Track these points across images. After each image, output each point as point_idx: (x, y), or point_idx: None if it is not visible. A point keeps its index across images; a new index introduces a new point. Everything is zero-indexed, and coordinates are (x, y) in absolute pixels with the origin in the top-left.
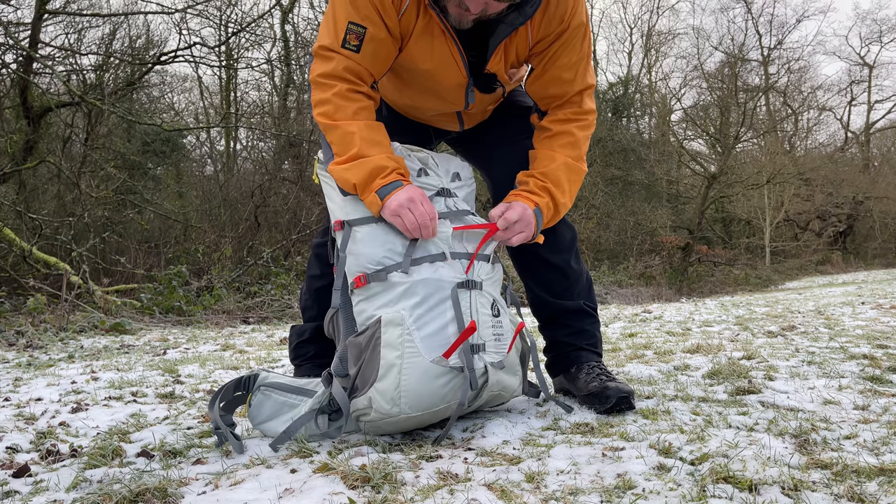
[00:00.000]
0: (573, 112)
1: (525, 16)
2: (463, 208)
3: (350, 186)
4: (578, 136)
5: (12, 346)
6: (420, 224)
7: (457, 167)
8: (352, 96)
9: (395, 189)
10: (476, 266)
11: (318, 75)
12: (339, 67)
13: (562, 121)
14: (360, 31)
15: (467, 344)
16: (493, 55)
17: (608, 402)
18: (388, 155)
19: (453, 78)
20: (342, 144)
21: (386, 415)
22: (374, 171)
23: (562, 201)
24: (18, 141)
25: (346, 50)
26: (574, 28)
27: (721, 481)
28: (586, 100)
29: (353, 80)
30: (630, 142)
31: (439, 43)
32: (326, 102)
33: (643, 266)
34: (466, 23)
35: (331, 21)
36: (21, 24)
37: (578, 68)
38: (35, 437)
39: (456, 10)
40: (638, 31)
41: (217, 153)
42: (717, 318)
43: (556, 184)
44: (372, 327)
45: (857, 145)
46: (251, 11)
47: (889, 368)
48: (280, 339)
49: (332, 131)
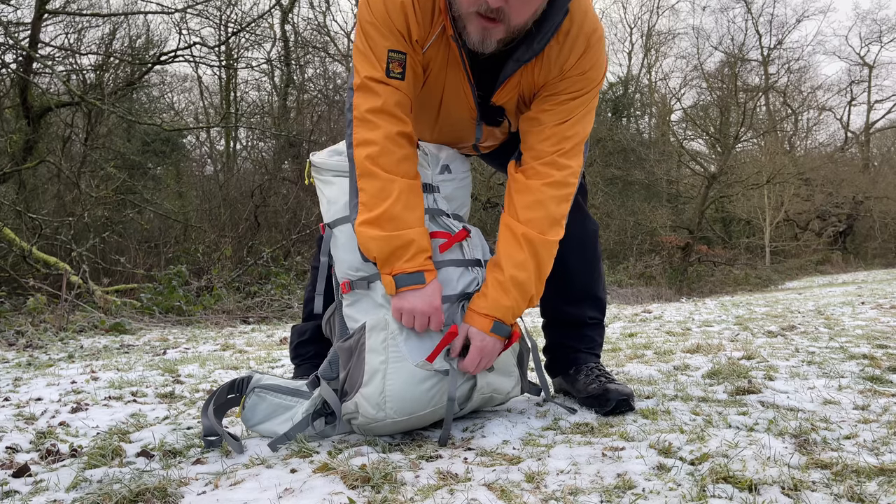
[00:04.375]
0: (543, 163)
1: (532, 52)
2: (440, 207)
3: (371, 256)
4: (545, 194)
5: (12, 345)
6: (419, 329)
7: (449, 159)
8: (400, 141)
9: (413, 285)
10: (468, 274)
11: (366, 111)
12: (391, 102)
13: (530, 173)
14: (402, 58)
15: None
16: (500, 89)
17: (608, 404)
18: (419, 228)
19: (463, 110)
20: (375, 198)
21: (372, 419)
22: (397, 252)
23: (523, 278)
24: (18, 141)
25: (393, 79)
26: (576, 79)
27: (721, 481)
28: (564, 151)
29: (401, 118)
30: (630, 142)
31: (452, 74)
32: (372, 143)
33: (643, 266)
34: (490, 43)
35: (368, 52)
36: (21, 23)
37: (560, 118)
38: (35, 437)
39: (477, 25)
40: (638, 31)
41: (217, 153)
42: (717, 318)
43: (518, 265)
44: (357, 332)
45: (857, 145)
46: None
47: (889, 368)
48: (280, 339)
49: (371, 179)
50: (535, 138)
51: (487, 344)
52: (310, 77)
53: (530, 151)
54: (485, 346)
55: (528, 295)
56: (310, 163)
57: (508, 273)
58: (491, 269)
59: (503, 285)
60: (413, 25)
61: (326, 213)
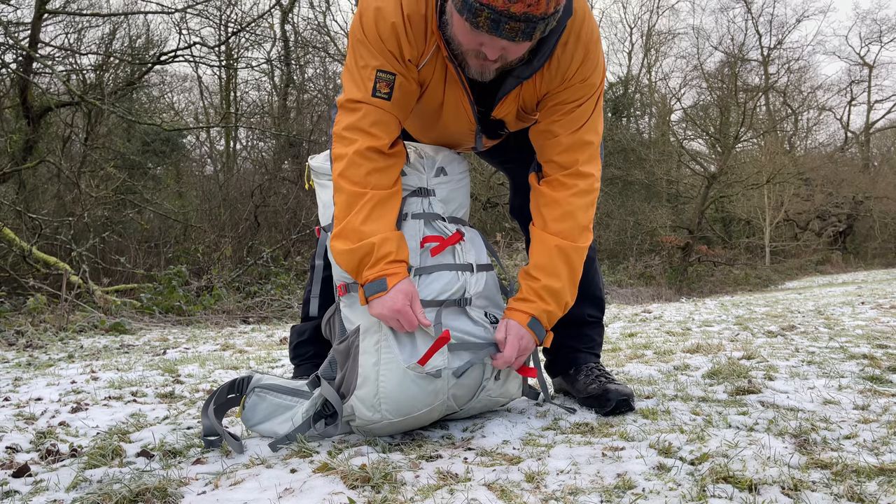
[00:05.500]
0: (567, 175)
1: (532, 69)
2: (435, 211)
3: (344, 269)
4: (574, 204)
5: (12, 345)
6: (400, 330)
7: (445, 161)
8: (369, 155)
9: (377, 293)
10: (472, 280)
11: (343, 128)
12: (367, 121)
13: (555, 184)
14: (390, 79)
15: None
16: (500, 104)
17: (608, 404)
18: (383, 234)
19: (462, 125)
20: (342, 210)
21: (368, 421)
22: (362, 261)
23: (558, 287)
24: (18, 141)
25: (377, 99)
26: (579, 87)
27: (721, 481)
28: (583, 161)
29: (375, 135)
30: (630, 141)
31: (451, 91)
32: (342, 158)
33: (643, 266)
34: (489, 74)
35: (355, 72)
36: (21, 23)
37: (573, 126)
38: (35, 437)
39: (476, 62)
40: (638, 31)
41: (217, 153)
42: (716, 318)
43: (551, 273)
44: (352, 335)
45: (857, 145)
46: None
47: (889, 368)
48: (280, 338)
49: (339, 193)
50: (552, 151)
51: (525, 338)
52: (310, 77)
53: (550, 164)
54: (522, 339)
55: (563, 301)
56: (308, 166)
57: (543, 282)
58: (524, 278)
59: (538, 293)
60: (405, 46)
61: (322, 216)
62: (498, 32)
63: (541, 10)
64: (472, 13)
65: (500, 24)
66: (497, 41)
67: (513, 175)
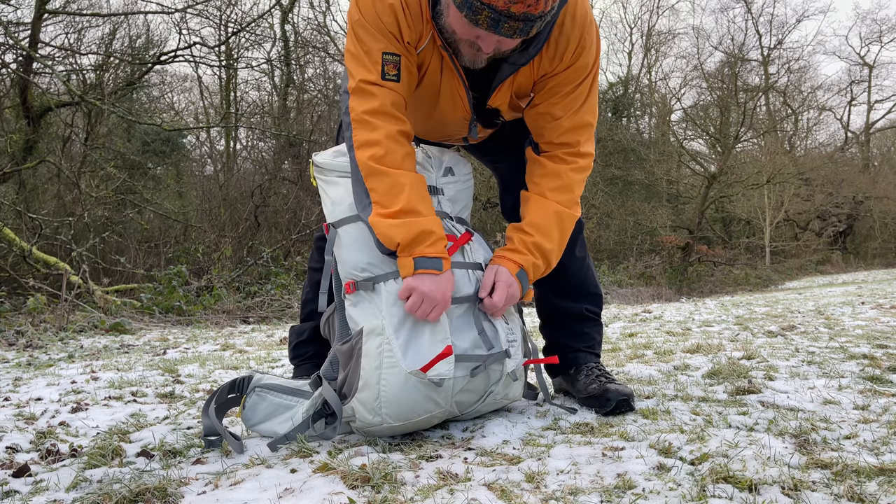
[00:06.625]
0: (567, 153)
1: (528, 56)
2: (444, 210)
3: (393, 244)
4: (572, 178)
5: (12, 345)
6: (421, 315)
7: (452, 162)
8: (400, 140)
9: (432, 269)
10: (469, 278)
11: (363, 113)
12: (387, 103)
13: (556, 160)
14: (396, 60)
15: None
16: (495, 92)
17: (609, 404)
18: (435, 217)
19: (458, 113)
20: (388, 195)
21: (369, 424)
22: (420, 236)
23: (549, 248)
24: (18, 141)
25: (389, 81)
26: (576, 68)
27: (721, 481)
28: (583, 142)
29: (399, 117)
30: (630, 141)
31: (447, 80)
32: (375, 144)
33: (643, 266)
34: (481, 62)
35: (361, 55)
36: (21, 23)
37: (572, 107)
38: (35, 437)
39: (469, 50)
40: (638, 31)
41: (217, 153)
42: (717, 318)
43: (545, 233)
44: (355, 337)
45: (857, 145)
46: (251, 11)
47: (889, 368)
48: (280, 338)
49: (380, 178)
50: (553, 133)
51: (513, 286)
52: (310, 77)
53: (551, 144)
54: (511, 287)
55: (548, 261)
56: (313, 163)
57: (536, 239)
58: (516, 231)
59: (528, 246)
60: (404, 27)
61: (331, 214)
62: (497, 30)
63: (539, 10)
64: (472, 11)
65: (500, 24)
66: (494, 37)
67: (501, 173)
